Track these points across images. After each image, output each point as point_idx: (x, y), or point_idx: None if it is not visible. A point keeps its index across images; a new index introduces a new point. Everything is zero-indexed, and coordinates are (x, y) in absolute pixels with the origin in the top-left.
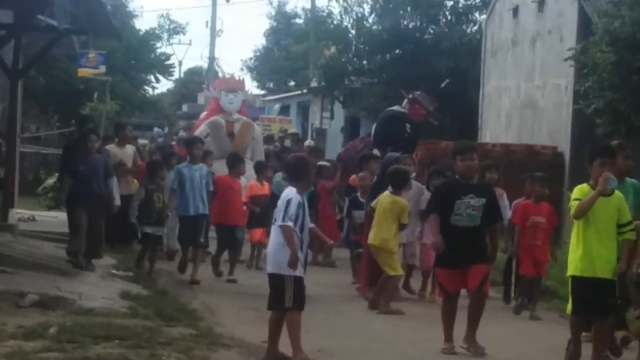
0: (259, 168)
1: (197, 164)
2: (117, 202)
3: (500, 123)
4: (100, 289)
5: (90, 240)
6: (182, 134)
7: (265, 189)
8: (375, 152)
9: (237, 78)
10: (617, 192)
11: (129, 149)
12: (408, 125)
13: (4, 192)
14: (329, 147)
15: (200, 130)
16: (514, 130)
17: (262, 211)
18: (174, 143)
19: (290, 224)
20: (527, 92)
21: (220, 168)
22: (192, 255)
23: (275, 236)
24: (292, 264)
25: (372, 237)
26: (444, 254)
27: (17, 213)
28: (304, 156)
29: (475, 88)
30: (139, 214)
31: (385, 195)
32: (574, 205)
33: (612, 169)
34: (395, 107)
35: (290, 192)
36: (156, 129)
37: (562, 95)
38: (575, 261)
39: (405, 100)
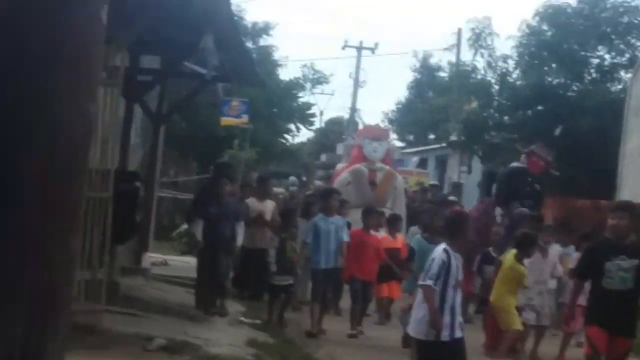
0: (393, 221)
1: (333, 215)
2: (239, 243)
3: (639, 183)
4: (227, 335)
5: (217, 280)
6: (318, 183)
7: (397, 242)
8: (498, 211)
9: (382, 127)
10: None
11: (269, 204)
12: (529, 180)
13: (140, 236)
14: (465, 202)
15: (342, 177)
16: None
17: (394, 265)
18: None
19: (430, 282)
20: None
21: (360, 217)
22: (320, 308)
23: (418, 296)
24: (432, 324)
25: (492, 294)
26: (596, 312)
27: (151, 257)
28: (463, 212)
29: (615, 146)
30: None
31: (510, 256)
32: None
33: None
34: (514, 163)
35: (437, 249)
36: (291, 178)
37: None
38: None
39: (523, 155)
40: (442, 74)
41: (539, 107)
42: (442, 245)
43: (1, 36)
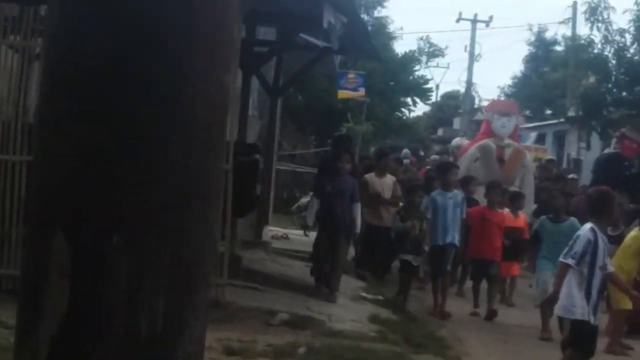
0: (515, 199)
1: (452, 190)
2: (358, 229)
3: None
4: (350, 311)
5: (331, 267)
6: (434, 157)
7: (519, 221)
8: None
9: (510, 102)
10: None
11: (389, 179)
12: (626, 164)
13: (260, 209)
14: (583, 178)
15: (470, 153)
16: None
17: (515, 245)
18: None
19: (571, 261)
20: None
21: None
22: (441, 285)
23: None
24: (551, 300)
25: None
26: None
27: (271, 230)
28: (608, 190)
29: None
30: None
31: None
32: None
33: None
34: (607, 150)
35: (583, 228)
36: (405, 151)
37: None
38: None
39: (615, 140)
40: (557, 48)
41: None
42: (589, 224)
43: (135, 4)
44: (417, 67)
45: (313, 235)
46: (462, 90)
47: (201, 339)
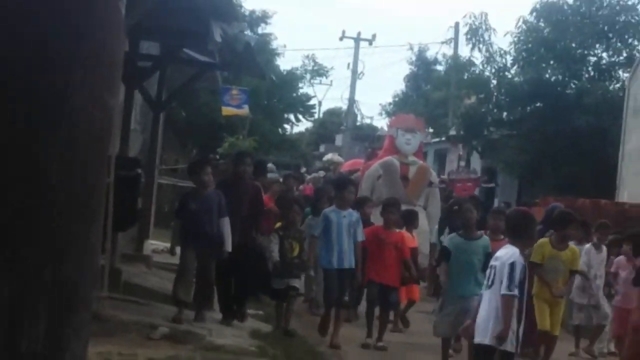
0: (409, 217)
1: (347, 209)
2: (228, 247)
3: (639, 183)
4: (231, 326)
5: (198, 287)
6: (318, 174)
7: (415, 241)
8: None
9: (416, 117)
10: None
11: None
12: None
13: (141, 223)
14: None
15: (373, 170)
16: None
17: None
18: (306, 185)
19: (516, 292)
20: None
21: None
22: (334, 315)
23: (491, 302)
24: (502, 339)
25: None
26: None
27: (152, 244)
28: (527, 211)
29: (615, 146)
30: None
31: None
32: None
33: None
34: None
35: (513, 253)
36: (269, 165)
37: None
38: None
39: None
40: (438, 67)
41: (537, 104)
42: (514, 248)
43: (23, 27)
44: (300, 85)
45: None
46: (345, 107)
47: (82, 356)
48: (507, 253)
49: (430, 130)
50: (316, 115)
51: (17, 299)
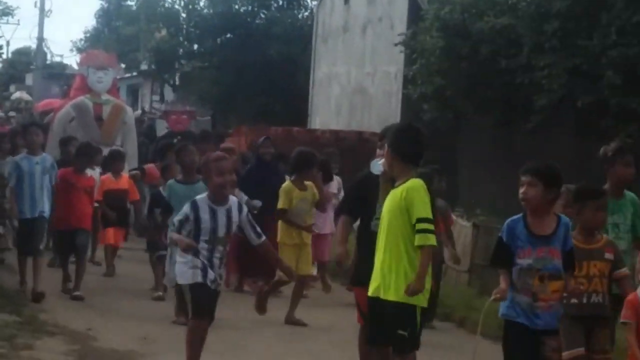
0: (113, 159)
1: (39, 154)
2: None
3: (330, 110)
4: None
5: None
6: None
7: (121, 182)
8: None
9: (107, 54)
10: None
11: None
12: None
13: None
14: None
15: (64, 112)
16: (344, 117)
17: (121, 210)
18: None
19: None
20: (357, 79)
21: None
22: (32, 265)
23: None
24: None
25: None
26: None
27: None
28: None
29: (306, 74)
30: None
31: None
32: None
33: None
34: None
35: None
36: None
37: (392, 82)
38: None
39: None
40: (129, 2)
41: (228, 35)
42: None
43: None
44: None
45: None
46: (34, 46)
47: None
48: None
49: (122, 65)
50: (4, 56)
51: None
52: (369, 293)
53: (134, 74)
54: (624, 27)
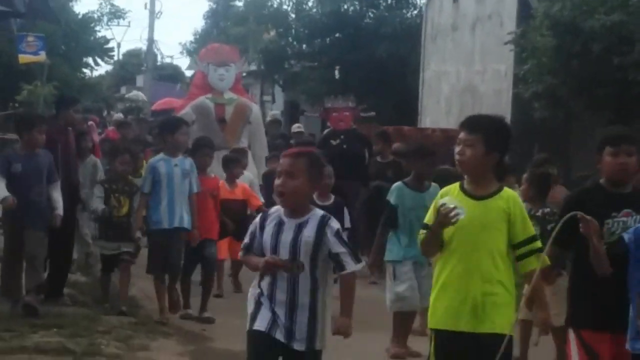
0: (228, 162)
1: (177, 156)
2: (60, 212)
3: (440, 109)
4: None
5: (29, 267)
6: (119, 116)
7: (236, 192)
8: None
9: (229, 47)
10: None
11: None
12: (342, 137)
13: None
14: None
15: (184, 114)
16: (454, 115)
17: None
18: (109, 127)
19: None
20: (467, 78)
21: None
22: (180, 287)
23: None
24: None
25: None
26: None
27: None
28: None
29: (415, 74)
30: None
31: None
32: None
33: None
34: (326, 131)
35: None
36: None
37: (502, 80)
38: None
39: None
40: (237, 3)
41: (337, 35)
42: None
43: None
44: (98, 28)
45: None
46: (144, 48)
47: None
48: None
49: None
50: (115, 58)
51: None
52: None
53: (244, 74)
54: None
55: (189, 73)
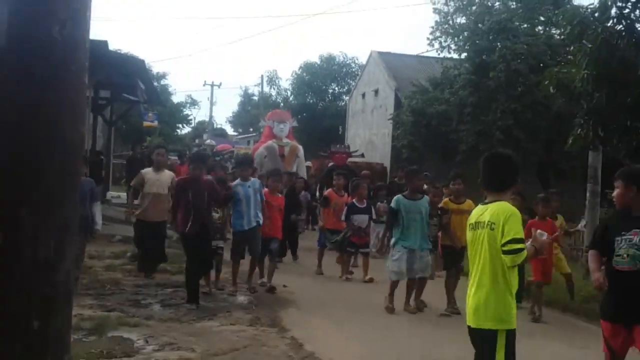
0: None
1: (249, 180)
2: (99, 226)
3: (358, 151)
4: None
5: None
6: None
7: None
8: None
9: (284, 111)
10: None
11: (167, 174)
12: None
13: (105, 183)
14: None
15: (260, 152)
16: (366, 155)
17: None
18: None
19: None
20: (369, 136)
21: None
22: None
23: None
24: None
25: None
26: (605, 304)
27: (110, 193)
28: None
29: (343, 132)
30: None
31: None
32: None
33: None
34: (331, 164)
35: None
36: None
37: (386, 138)
38: None
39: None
40: (254, 98)
41: (304, 114)
42: None
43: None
44: (183, 109)
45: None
46: (207, 119)
47: (73, 260)
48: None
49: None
50: (192, 124)
51: (36, 230)
52: None
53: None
54: None
55: (230, 132)
